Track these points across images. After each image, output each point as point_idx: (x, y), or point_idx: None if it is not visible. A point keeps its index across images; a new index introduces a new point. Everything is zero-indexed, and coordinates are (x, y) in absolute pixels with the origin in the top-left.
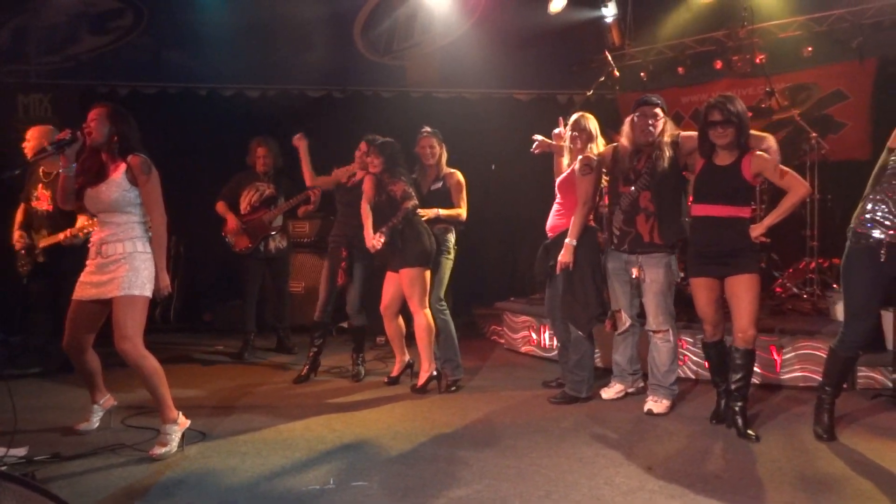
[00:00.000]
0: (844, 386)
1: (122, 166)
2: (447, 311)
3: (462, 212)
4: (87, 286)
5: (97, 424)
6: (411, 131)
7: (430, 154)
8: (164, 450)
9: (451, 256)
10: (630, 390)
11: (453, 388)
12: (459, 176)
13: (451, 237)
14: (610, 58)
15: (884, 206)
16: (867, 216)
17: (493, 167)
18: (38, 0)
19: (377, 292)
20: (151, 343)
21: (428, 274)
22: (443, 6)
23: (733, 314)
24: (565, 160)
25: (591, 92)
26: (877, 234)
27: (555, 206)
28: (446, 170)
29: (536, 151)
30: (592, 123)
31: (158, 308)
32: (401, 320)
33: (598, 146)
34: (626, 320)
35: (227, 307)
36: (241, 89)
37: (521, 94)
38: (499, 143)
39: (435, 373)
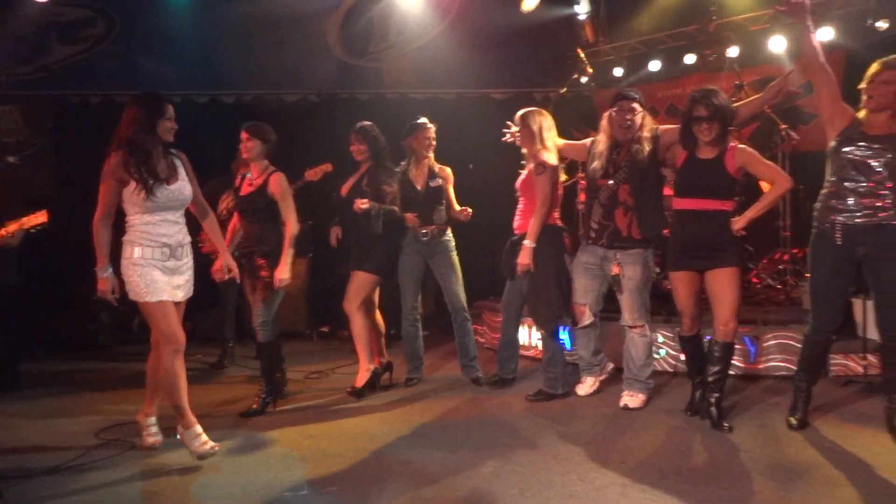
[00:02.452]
0: (821, 373)
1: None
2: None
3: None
4: (175, 290)
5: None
6: (388, 133)
7: (430, 147)
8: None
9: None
10: (602, 378)
11: (414, 381)
12: (448, 170)
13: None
14: (583, 55)
15: (836, 190)
16: (823, 201)
17: (471, 167)
18: (5, 10)
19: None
20: (130, 354)
21: (375, 283)
22: (417, 7)
23: (714, 307)
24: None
25: (566, 89)
26: (832, 217)
27: (518, 206)
28: (437, 165)
29: (507, 140)
30: (538, 120)
31: (137, 318)
32: (378, 317)
33: (547, 142)
34: (589, 316)
35: (206, 315)
36: (216, 95)
37: (497, 93)
38: (476, 142)
39: (378, 367)
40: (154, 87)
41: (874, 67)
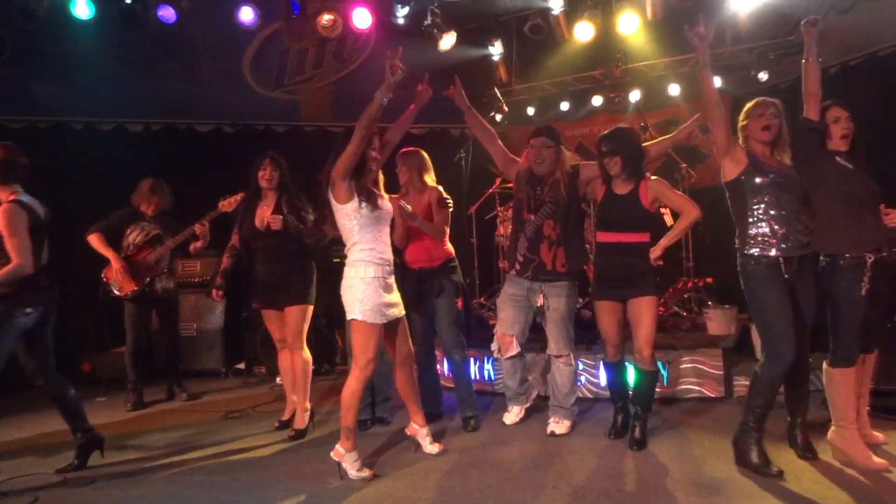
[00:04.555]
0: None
1: None
2: None
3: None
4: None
5: None
6: (307, 166)
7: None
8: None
9: None
10: (527, 406)
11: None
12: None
13: None
14: (499, 93)
15: (763, 227)
16: (755, 237)
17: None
18: None
19: None
20: (27, 397)
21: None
22: (334, 42)
23: (634, 334)
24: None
25: None
26: (772, 252)
27: (407, 242)
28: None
29: (448, 94)
30: (415, 159)
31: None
32: (307, 353)
33: (428, 179)
34: (515, 346)
35: (108, 355)
36: (122, 123)
37: (415, 128)
38: (395, 175)
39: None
40: (53, 112)
41: (755, 103)
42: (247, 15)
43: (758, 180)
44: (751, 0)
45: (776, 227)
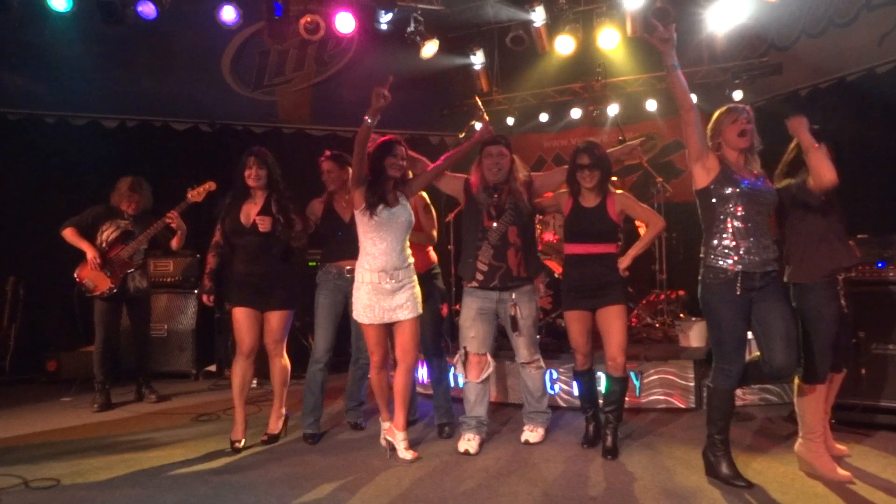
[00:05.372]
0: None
1: None
2: None
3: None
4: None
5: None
6: (285, 167)
7: (329, 180)
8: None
9: None
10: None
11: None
12: None
13: None
14: (480, 102)
15: (726, 239)
16: (717, 248)
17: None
18: None
19: None
20: None
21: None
22: (315, 44)
23: (605, 343)
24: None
25: (463, 134)
26: (732, 266)
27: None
28: None
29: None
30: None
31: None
32: (286, 360)
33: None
34: (491, 365)
35: (74, 354)
36: (96, 118)
37: (394, 134)
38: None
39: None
40: (24, 105)
41: (726, 109)
42: (228, 14)
43: (727, 190)
44: (727, 21)
45: (739, 240)
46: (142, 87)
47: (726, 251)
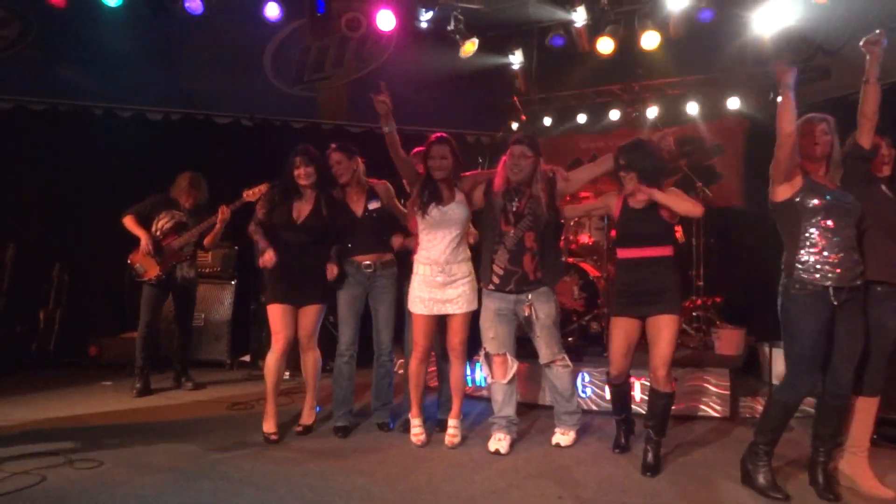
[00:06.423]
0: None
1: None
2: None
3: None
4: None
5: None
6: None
7: (338, 174)
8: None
9: None
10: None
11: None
12: (387, 184)
13: None
14: (518, 102)
15: (815, 253)
16: (805, 264)
17: (403, 202)
18: None
19: None
20: (27, 377)
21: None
22: (356, 41)
23: (651, 352)
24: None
25: (501, 133)
26: (822, 281)
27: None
28: (369, 180)
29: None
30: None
31: (36, 341)
32: (317, 352)
33: None
34: (514, 364)
35: (115, 341)
36: (142, 111)
37: (431, 132)
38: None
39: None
40: (72, 96)
41: (805, 119)
42: (272, 11)
43: (814, 202)
44: (773, 23)
45: (828, 253)
46: (186, 81)
47: (816, 267)
